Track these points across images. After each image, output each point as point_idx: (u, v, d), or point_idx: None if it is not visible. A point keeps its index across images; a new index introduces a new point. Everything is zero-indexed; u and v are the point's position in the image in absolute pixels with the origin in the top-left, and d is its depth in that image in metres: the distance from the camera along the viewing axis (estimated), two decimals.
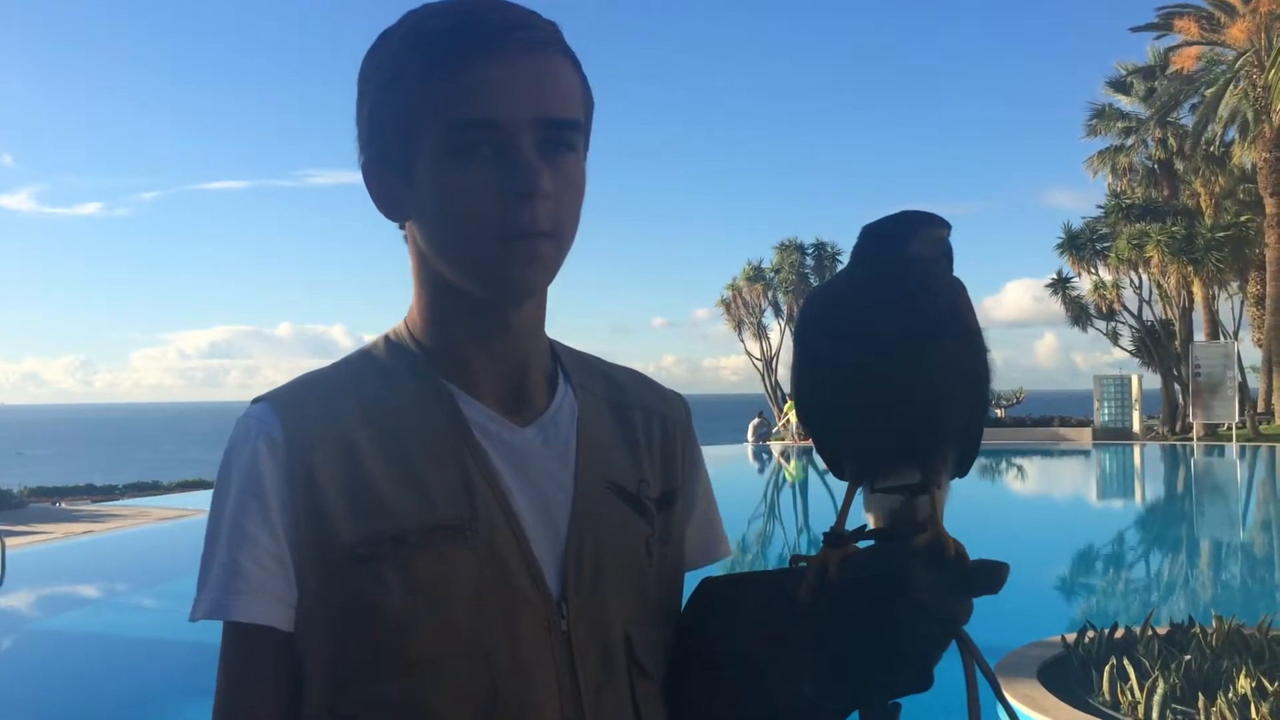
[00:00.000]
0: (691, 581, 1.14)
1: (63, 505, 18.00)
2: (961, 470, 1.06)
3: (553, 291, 1.07)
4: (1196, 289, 30.58)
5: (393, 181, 1.02)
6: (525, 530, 1.01)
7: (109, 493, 20.44)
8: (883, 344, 0.96)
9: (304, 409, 1.02)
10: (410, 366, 1.06)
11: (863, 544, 1.02)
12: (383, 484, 0.98)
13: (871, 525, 1.06)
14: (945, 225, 0.98)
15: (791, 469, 24.70)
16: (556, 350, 1.15)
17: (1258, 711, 4.36)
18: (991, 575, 0.93)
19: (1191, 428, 27.87)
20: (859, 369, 0.97)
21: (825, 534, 1.01)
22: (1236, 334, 34.14)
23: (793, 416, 31.18)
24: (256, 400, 1.04)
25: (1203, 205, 33.16)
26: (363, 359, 1.09)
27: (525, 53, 0.97)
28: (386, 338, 1.10)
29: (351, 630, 0.96)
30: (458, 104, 0.95)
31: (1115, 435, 29.17)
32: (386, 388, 1.05)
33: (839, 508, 1.06)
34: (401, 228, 1.07)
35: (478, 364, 1.06)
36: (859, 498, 1.07)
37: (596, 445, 1.09)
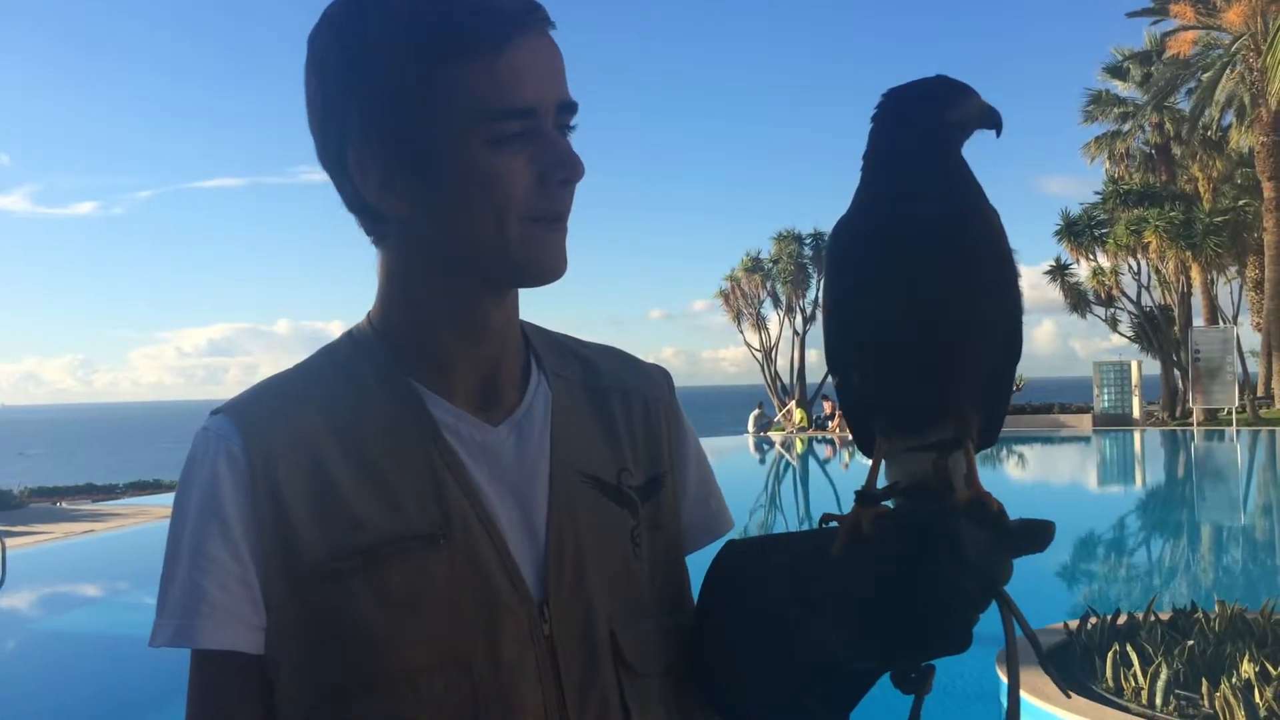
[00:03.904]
0: (701, 559, 1.12)
1: (63, 505, 17.99)
2: (988, 437, 1.02)
3: (549, 286, 1.03)
4: (1195, 274, 30.54)
5: (394, 168, 0.95)
6: (502, 533, 0.98)
7: (110, 492, 20.44)
8: (931, 263, 0.91)
9: (264, 420, 0.98)
10: (375, 367, 1.02)
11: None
12: (350, 495, 0.95)
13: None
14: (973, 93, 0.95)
15: (794, 456, 24.70)
16: (528, 335, 1.11)
17: (1261, 696, 4.34)
18: (1037, 534, 0.91)
19: (1191, 413, 27.85)
20: (904, 291, 0.92)
21: (857, 492, 0.98)
22: (1235, 319, 34.19)
23: (798, 413, 31.19)
24: (215, 412, 1.00)
25: (1200, 190, 33.13)
26: (324, 360, 1.05)
27: (541, 35, 0.95)
28: (350, 335, 1.06)
29: (324, 649, 0.93)
30: (497, 92, 0.91)
31: (1115, 421, 29.15)
32: (351, 391, 1.01)
33: (867, 473, 1.01)
34: (374, 224, 1.01)
35: (453, 359, 1.02)
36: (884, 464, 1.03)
37: (572, 438, 1.05)
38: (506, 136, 0.93)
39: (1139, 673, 4.74)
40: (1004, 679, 5.10)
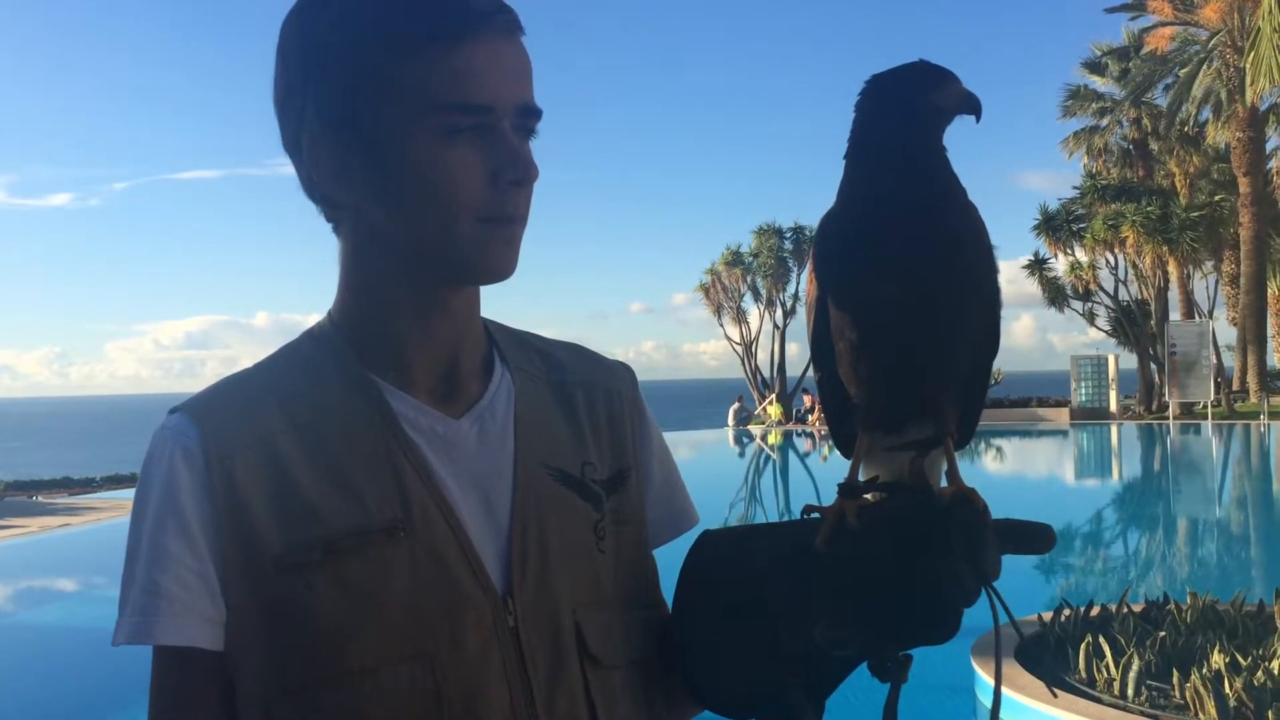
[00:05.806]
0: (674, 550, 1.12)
1: (39, 499, 17.83)
2: (965, 434, 1.03)
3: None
4: (1172, 269, 30.78)
5: (346, 156, 0.97)
6: (464, 526, 0.98)
7: (86, 485, 20.26)
8: (913, 260, 0.93)
9: (223, 416, 0.98)
10: (336, 362, 1.02)
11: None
12: (309, 489, 0.95)
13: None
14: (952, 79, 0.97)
15: (772, 448, 24.75)
16: (491, 331, 1.11)
17: (1231, 687, 4.40)
18: (1036, 537, 0.93)
19: (1167, 407, 28.07)
20: (887, 288, 0.93)
21: (840, 485, 0.99)
22: (1211, 313, 34.53)
23: (773, 409, 31.25)
24: (173, 410, 1.00)
25: (1177, 185, 33.36)
26: (286, 357, 1.05)
27: (507, 37, 0.95)
28: (310, 333, 1.06)
29: (285, 643, 0.93)
30: (451, 85, 0.92)
31: (1092, 415, 29.34)
32: (310, 386, 1.01)
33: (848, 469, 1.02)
34: (331, 210, 1.02)
35: (411, 352, 1.02)
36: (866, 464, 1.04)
37: (536, 430, 1.05)
38: (457, 130, 0.93)
39: (1111, 664, 4.78)
40: (979, 671, 5.14)
